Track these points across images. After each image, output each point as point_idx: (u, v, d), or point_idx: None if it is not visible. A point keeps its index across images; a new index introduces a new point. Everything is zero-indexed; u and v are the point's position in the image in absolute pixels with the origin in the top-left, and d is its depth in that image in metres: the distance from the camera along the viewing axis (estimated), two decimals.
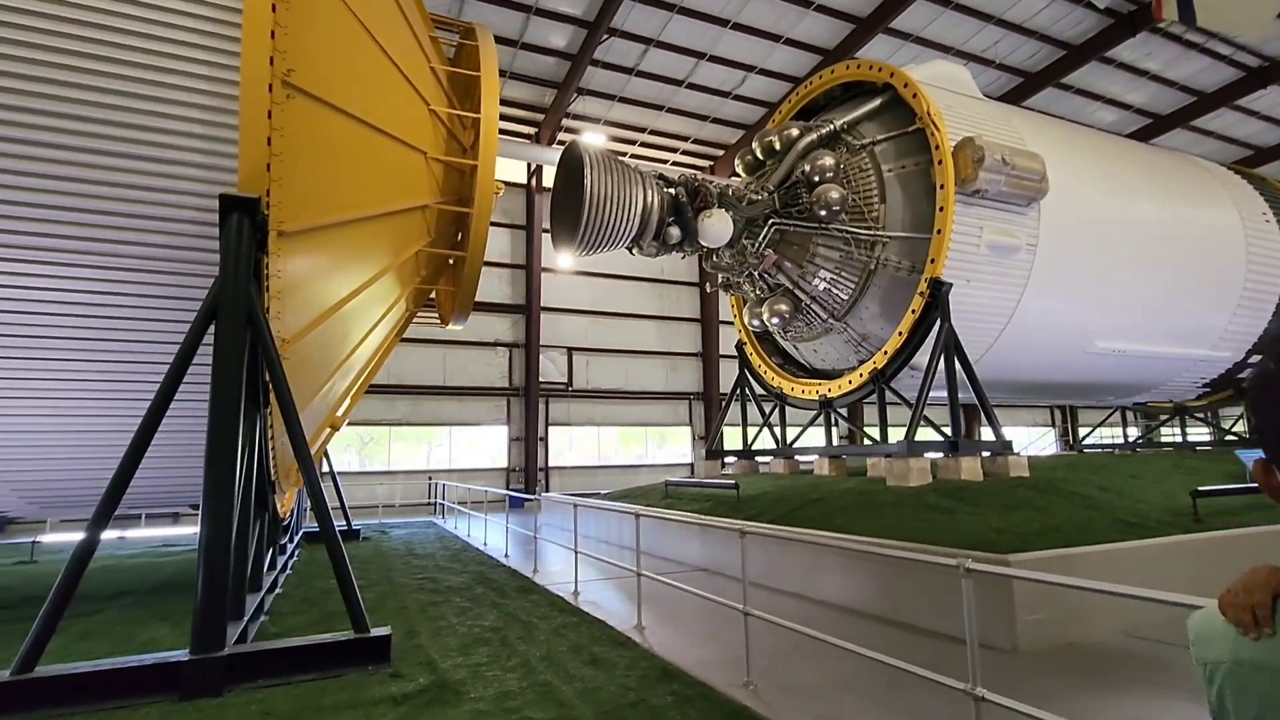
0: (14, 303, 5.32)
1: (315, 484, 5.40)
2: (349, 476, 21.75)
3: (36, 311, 5.38)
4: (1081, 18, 20.25)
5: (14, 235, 5.08)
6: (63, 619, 6.99)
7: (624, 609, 7.13)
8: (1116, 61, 22.09)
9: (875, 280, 11.75)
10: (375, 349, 9.03)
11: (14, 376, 5.62)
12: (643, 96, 23.08)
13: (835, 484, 10.60)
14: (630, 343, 26.78)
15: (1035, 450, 33.35)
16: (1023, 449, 34.12)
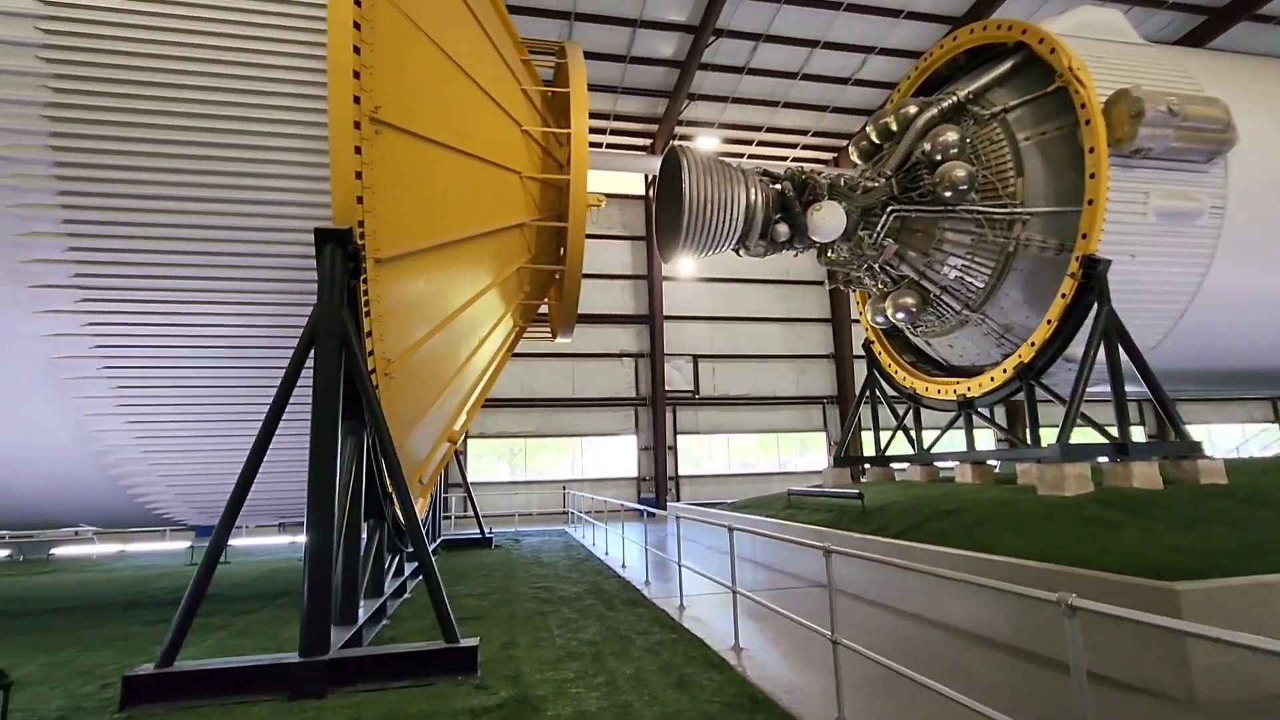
0: (171, 339, 6.06)
1: (405, 497, 5.62)
2: (491, 486, 23.06)
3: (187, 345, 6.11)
4: None
5: (164, 280, 5.80)
6: (226, 615, 7.91)
7: (727, 627, 6.78)
8: None
9: (1016, 264, 10.45)
10: (486, 364, 9.39)
11: (177, 403, 6.41)
12: (756, 94, 22.52)
13: (976, 493, 9.48)
14: (756, 347, 26.11)
15: (1254, 451, 28.19)
16: (1229, 450, 29.02)
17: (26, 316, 5.57)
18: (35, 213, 5.33)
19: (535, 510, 23.10)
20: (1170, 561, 5.81)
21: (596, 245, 25.61)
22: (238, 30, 5.53)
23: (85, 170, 5.37)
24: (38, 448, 6.42)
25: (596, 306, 25.12)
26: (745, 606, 8.09)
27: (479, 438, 23.57)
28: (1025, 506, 8.05)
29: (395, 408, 7.11)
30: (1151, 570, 5.39)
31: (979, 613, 6.12)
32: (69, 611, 8.93)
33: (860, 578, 8.26)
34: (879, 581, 7.97)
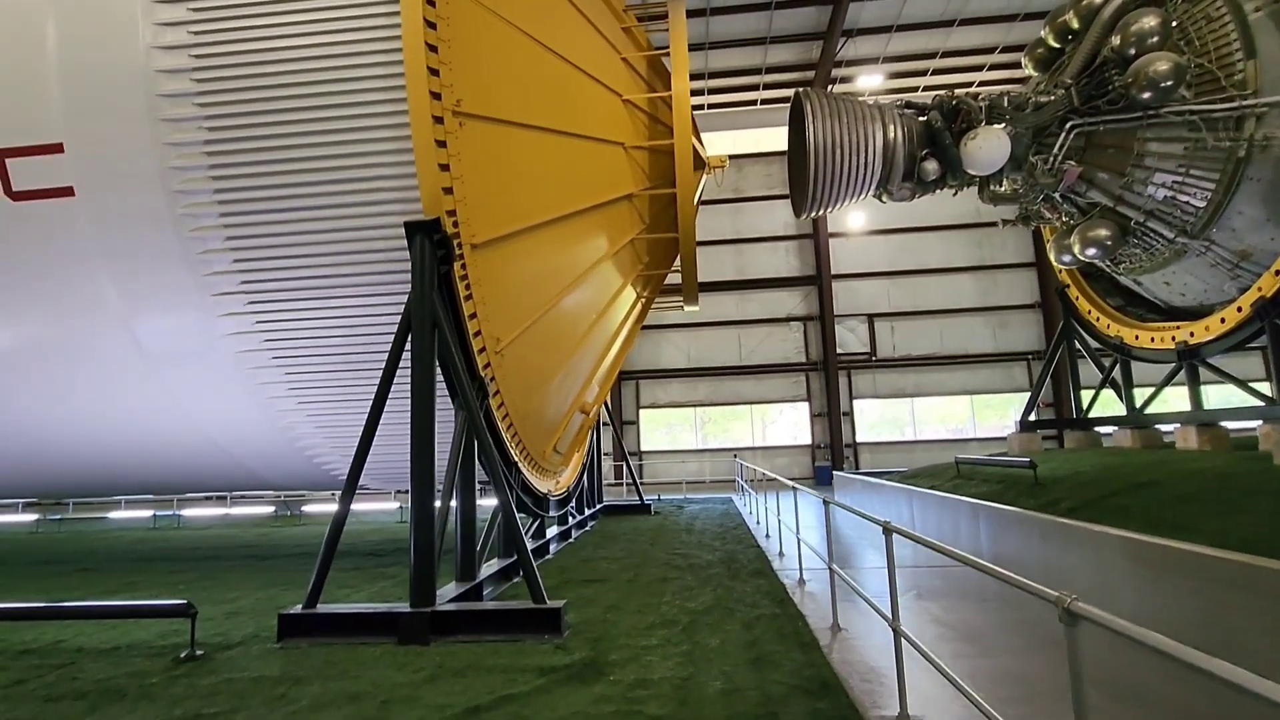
0: (321, 327, 7.02)
1: (493, 467, 5.91)
2: (665, 455, 23.74)
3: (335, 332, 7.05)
4: None
5: (309, 278, 6.73)
6: (372, 569, 9.06)
7: (842, 605, 6.33)
8: None
9: (1251, 171, 8.21)
10: (611, 336, 9.60)
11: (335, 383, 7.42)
12: (924, 16, 20.02)
13: (1189, 462, 7.71)
14: (943, 301, 23.58)
15: None
16: None
17: (214, 320, 6.82)
18: (208, 233, 6.48)
19: (708, 478, 23.33)
20: None
21: (755, 208, 24.86)
22: (332, 53, 6.16)
23: (238, 193, 6.39)
24: (244, 425, 7.87)
25: (760, 270, 24.44)
26: (874, 580, 7.46)
27: (651, 408, 24.30)
28: (1250, 481, 6.44)
29: (513, 383, 7.57)
30: None
31: (1152, 607, 5.00)
32: (307, 556, 10.91)
33: (1028, 558, 7.17)
34: (1045, 564, 6.86)
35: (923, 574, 7.87)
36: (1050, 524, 6.57)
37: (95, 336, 7.11)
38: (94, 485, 10.38)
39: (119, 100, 6.21)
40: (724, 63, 22.11)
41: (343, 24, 6.23)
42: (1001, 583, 2.65)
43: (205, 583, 8.80)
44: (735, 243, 24.59)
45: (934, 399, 23.47)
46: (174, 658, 5.17)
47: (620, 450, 16.66)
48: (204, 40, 6.23)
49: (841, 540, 10.96)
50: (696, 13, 19.56)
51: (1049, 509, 7.48)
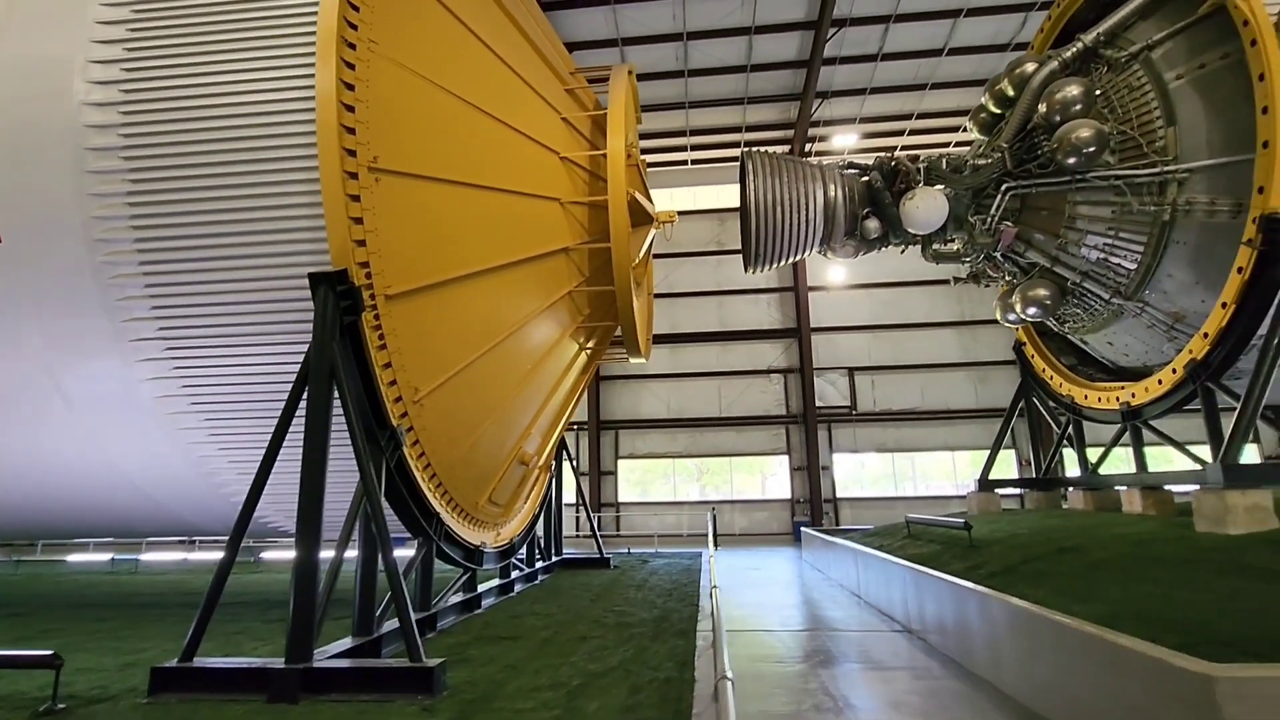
0: (238, 372, 7.07)
1: (379, 518, 5.83)
2: (639, 507, 23.42)
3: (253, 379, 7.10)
4: None
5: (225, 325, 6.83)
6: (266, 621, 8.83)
7: (741, 670, 6.15)
8: None
9: (1176, 235, 8.31)
10: (551, 387, 9.62)
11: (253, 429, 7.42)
12: (897, 80, 20.67)
13: (1116, 527, 7.55)
14: (924, 355, 23.56)
15: None
16: None
17: (132, 365, 6.91)
18: (127, 281, 6.62)
19: (686, 531, 22.93)
20: None
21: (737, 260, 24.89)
22: (255, 112, 6.42)
23: (157, 242, 6.56)
24: (168, 470, 7.86)
25: (742, 322, 24.57)
26: (799, 644, 7.24)
27: (629, 458, 24.10)
28: (1163, 549, 6.31)
29: (436, 432, 7.57)
30: (1276, 647, 3.88)
31: (1044, 684, 4.81)
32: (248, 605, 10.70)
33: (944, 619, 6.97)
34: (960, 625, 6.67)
35: (866, 639, 7.60)
36: (953, 587, 6.42)
37: (20, 380, 7.20)
38: (22, 529, 10.32)
39: (48, 152, 6.46)
40: (705, 121, 22.78)
41: (267, 85, 6.50)
42: (918, 650, 2.57)
43: (125, 631, 8.63)
44: (717, 294, 24.82)
45: (916, 454, 23.19)
46: (33, 711, 5.04)
47: (582, 500, 16.41)
48: (134, 97, 6.50)
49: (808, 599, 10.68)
50: (675, 74, 20.30)
51: (972, 571, 7.33)
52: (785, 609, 9.67)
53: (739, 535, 22.70)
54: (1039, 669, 4.65)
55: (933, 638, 6.88)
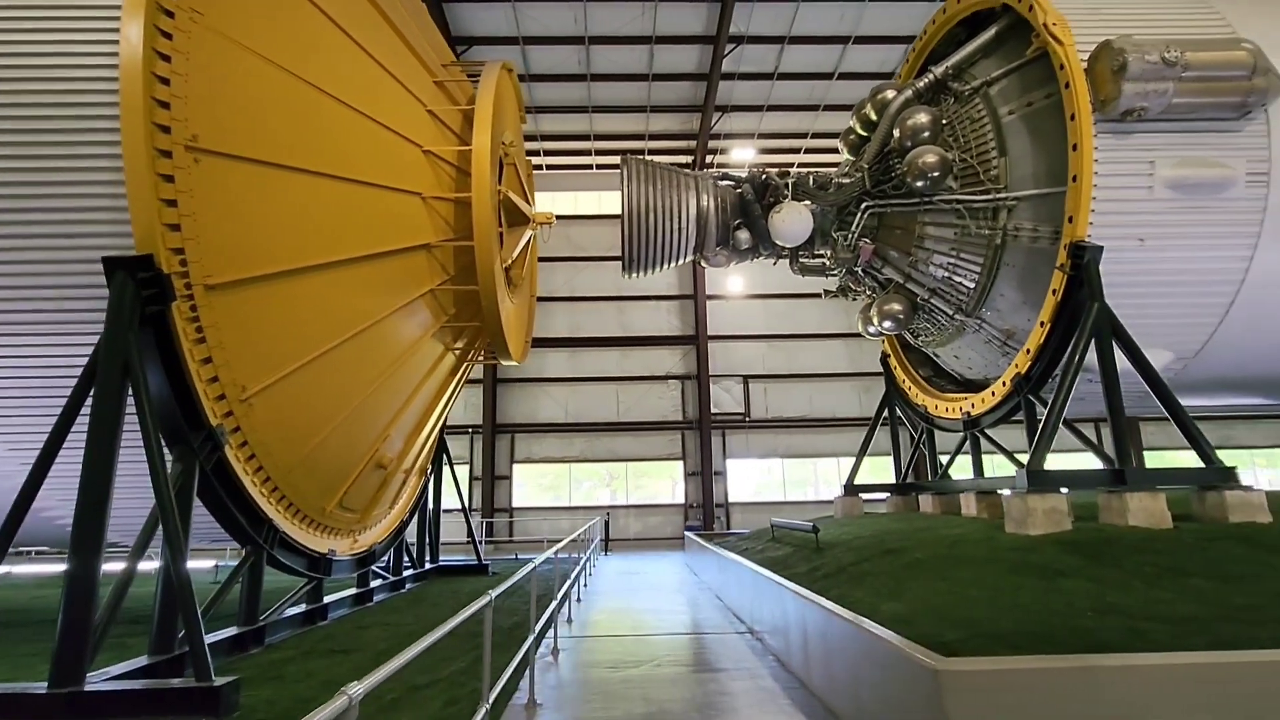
0: (32, 368, 6.37)
1: (170, 524, 5.36)
2: (534, 512, 23.07)
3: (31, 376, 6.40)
4: None
5: None
6: None
7: (549, 681, 6.08)
8: None
9: (1007, 258, 8.95)
10: (410, 390, 9.26)
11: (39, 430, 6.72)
12: (793, 100, 21.46)
13: (942, 529, 8.02)
14: (815, 366, 24.50)
15: None
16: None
17: None
18: None
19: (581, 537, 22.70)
20: (1075, 629, 4.52)
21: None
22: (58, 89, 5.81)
23: None
24: None
25: (643, 328, 24.74)
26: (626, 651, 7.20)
27: (525, 463, 23.73)
28: (973, 548, 6.70)
29: (270, 433, 7.10)
30: (1056, 639, 4.19)
31: (829, 683, 4.99)
32: None
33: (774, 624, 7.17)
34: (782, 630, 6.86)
35: (711, 641, 7.69)
36: (776, 587, 6.62)
37: None
38: None
39: None
40: (609, 127, 22.84)
41: (71, 47, 5.91)
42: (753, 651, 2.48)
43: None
44: (620, 299, 24.89)
45: (805, 460, 24.04)
46: None
47: (462, 505, 15.95)
48: None
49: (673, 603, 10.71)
50: (578, 78, 20.24)
51: (811, 572, 7.60)
52: (647, 613, 9.70)
53: (633, 540, 22.78)
54: (832, 665, 4.83)
55: (767, 639, 7.06)
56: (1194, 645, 4.14)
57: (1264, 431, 25.24)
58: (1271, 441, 25.56)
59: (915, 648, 3.50)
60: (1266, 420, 25.23)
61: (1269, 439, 25.39)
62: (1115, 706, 2.99)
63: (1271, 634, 4.30)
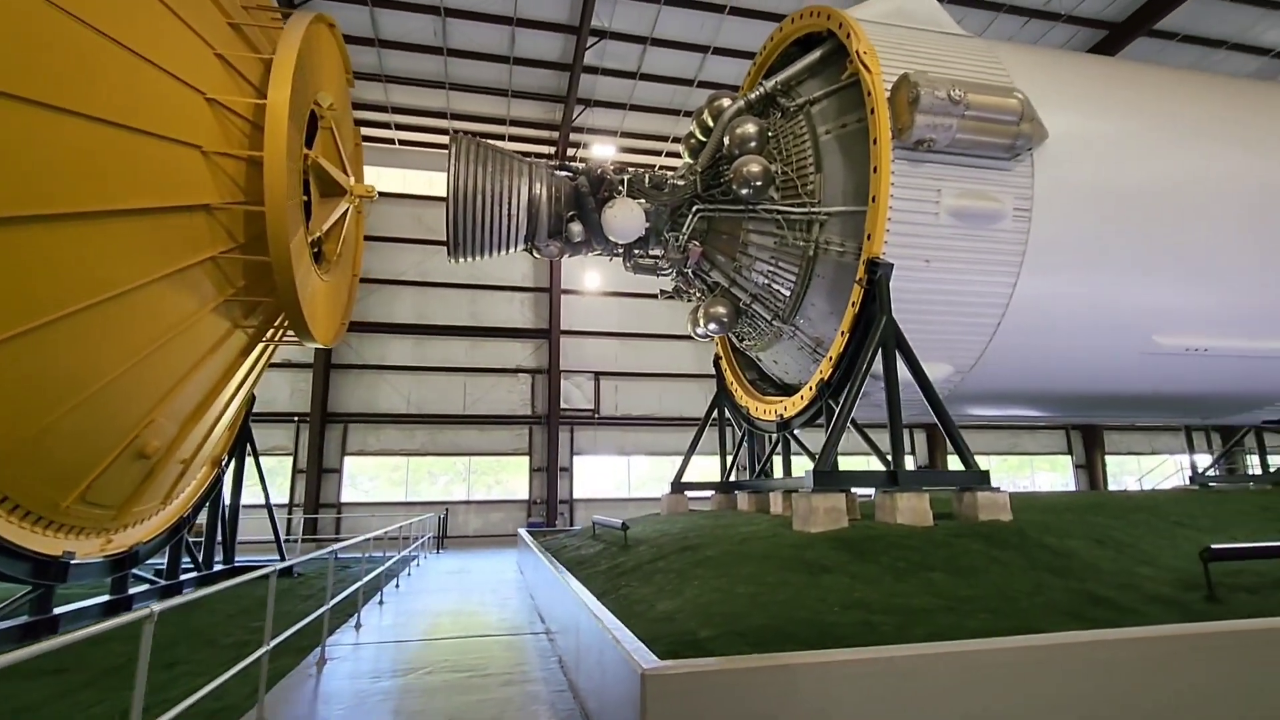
0: None
1: None
2: (367, 507, 21.63)
3: None
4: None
5: None
6: None
7: (300, 696, 5.56)
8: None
9: (818, 269, 9.44)
10: (182, 371, 8.15)
11: None
12: (655, 102, 21.71)
13: (741, 527, 8.31)
14: (665, 365, 24.99)
15: (1161, 483, 27.20)
16: (1137, 481, 28.17)
17: None
18: None
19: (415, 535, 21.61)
20: (819, 624, 4.69)
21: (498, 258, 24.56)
22: None
23: None
24: None
25: (496, 319, 24.00)
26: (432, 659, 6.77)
27: (359, 455, 22.20)
28: (758, 545, 6.91)
29: None
30: (793, 635, 4.29)
31: (590, 686, 4.89)
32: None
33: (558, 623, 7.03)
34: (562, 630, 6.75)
35: (503, 644, 7.37)
36: (557, 585, 6.50)
37: None
38: None
39: None
40: (468, 107, 21.91)
41: None
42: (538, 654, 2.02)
43: None
44: (472, 288, 23.99)
45: (651, 458, 24.44)
46: None
47: (266, 500, 14.48)
48: None
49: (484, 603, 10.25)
50: (434, 50, 19.20)
51: (611, 569, 7.55)
52: (450, 615, 9.24)
53: (472, 536, 22.02)
54: (588, 666, 4.72)
55: (558, 640, 6.91)
56: (914, 635, 4.43)
57: (1044, 440, 29.07)
58: (1051, 449, 29.47)
59: (631, 649, 3.42)
60: (1046, 430, 29.11)
61: (1048, 447, 29.25)
62: (808, 703, 3.06)
63: (980, 623, 4.71)
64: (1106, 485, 27.68)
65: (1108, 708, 3.46)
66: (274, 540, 13.67)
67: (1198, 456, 20.17)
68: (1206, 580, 5.25)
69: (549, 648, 6.93)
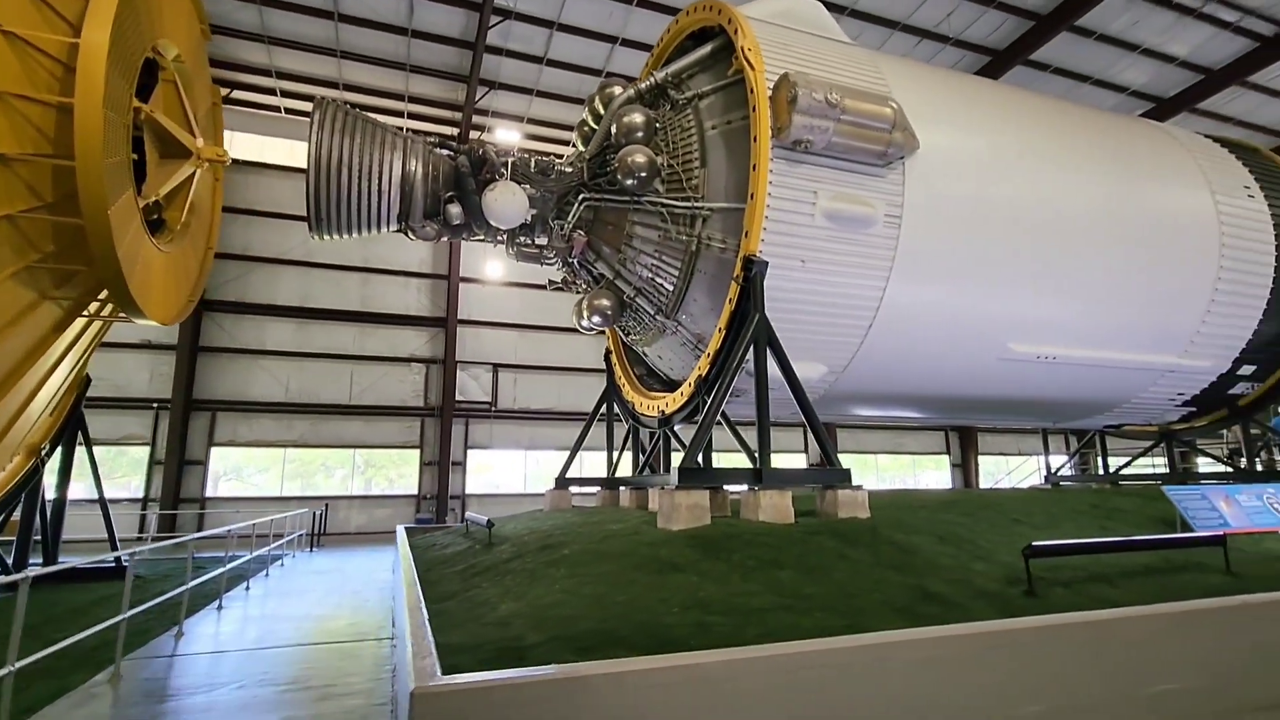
0: None
1: None
2: (231, 503, 20.03)
3: None
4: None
5: None
6: None
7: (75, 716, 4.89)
8: (1096, 33, 19.17)
9: (700, 265, 9.36)
10: None
11: None
12: (562, 89, 21.24)
13: (610, 524, 8.12)
14: (567, 359, 24.59)
15: (1021, 482, 29.54)
16: (997, 480, 30.53)
17: None
18: None
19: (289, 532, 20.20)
20: (652, 626, 4.51)
21: (391, 237, 23.35)
22: None
23: None
24: None
25: (389, 305, 22.81)
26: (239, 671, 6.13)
27: (228, 445, 20.51)
28: (617, 543, 6.71)
29: None
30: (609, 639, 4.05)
31: None
32: None
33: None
34: None
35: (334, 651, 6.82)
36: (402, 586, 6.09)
37: None
38: None
39: None
40: (362, 78, 20.66)
41: None
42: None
43: None
44: (364, 271, 22.71)
45: (549, 452, 23.98)
46: None
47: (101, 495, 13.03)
48: None
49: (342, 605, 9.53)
50: (323, 13, 17.93)
51: (464, 571, 7.17)
52: (295, 621, 8.53)
53: (354, 534, 20.85)
54: (399, 678, 4.35)
55: (396, 647, 6.46)
56: (746, 636, 4.33)
57: (925, 440, 30.81)
58: (931, 449, 31.26)
59: (415, 662, 3.09)
60: (928, 431, 30.85)
61: (928, 447, 31.01)
62: (598, 716, 2.83)
63: (813, 621, 4.68)
64: (978, 484, 29.66)
65: (904, 706, 3.45)
66: (108, 539, 12.29)
67: (1055, 458, 21.92)
68: (1027, 576, 5.50)
69: (390, 655, 6.47)
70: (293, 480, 21.42)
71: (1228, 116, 23.08)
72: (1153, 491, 9.21)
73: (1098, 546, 6.00)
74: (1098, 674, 3.91)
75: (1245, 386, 12.91)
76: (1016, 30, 19.05)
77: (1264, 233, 11.75)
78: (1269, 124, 23.65)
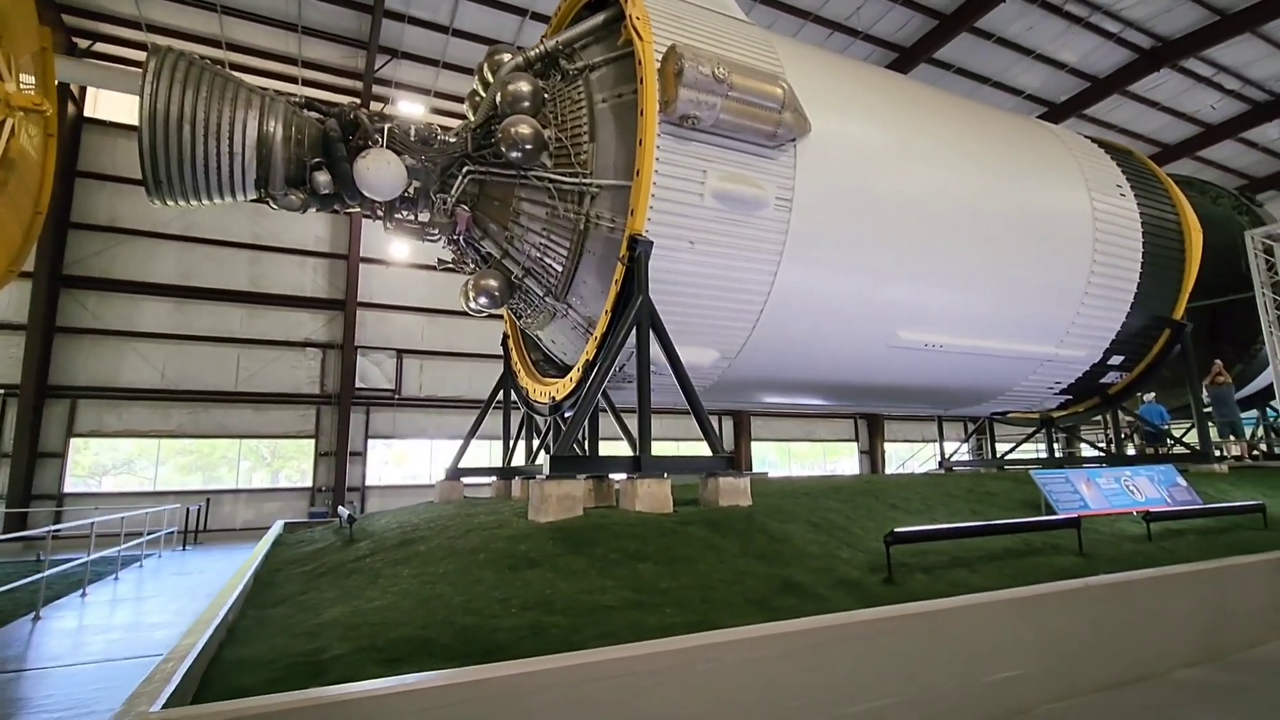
0: None
1: None
2: (95, 499, 18.27)
3: None
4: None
5: None
6: None
7: None
8: (995, 36, 19.89)
9: (589, 244, 8.95)
10: None
11: None
12: (470, 62, 20.24)
13: (481, 516, 7.67)
14: (476, 345, 23.73)
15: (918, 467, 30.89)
16: (901, 465, 31.91)
17: None
18: None
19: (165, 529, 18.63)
20: (473, 630, 4.09)
21: (287, 216, 21.83)
22: None
23: None
24: None
25: (281, 286, 21.33)
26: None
27: (91, 436, 18.66)
28: (476, 538, 6.25)
29: None
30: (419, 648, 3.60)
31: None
32: None
33: None
34: None
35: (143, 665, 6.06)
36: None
37: None
38: None
39: None
40: (247, 37, 19.07)
41: None
42: None
43: None
44: (253, 248, 21.12)
45: (455, 442, 23.10)
46: None
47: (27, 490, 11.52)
48: None
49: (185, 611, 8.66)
50: None
51: (310, 571, 6.54)
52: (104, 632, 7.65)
53: (239, 530, 19.44)
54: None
55: None
56: (582, 638, 4.00)
57: (835, 427, 31.68)
58: (841, 436, 32.17)
59: (146, 688, 2.57)
60: (838, 419, 31.73)
61: (838, 434, 31.92)
62: None
63: (660, 619, 4.39)
64: (884, 470, 30.77)
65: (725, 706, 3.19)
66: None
67: (952, 444, 22.88)
68: (888, 563, 5.42)
69: None
70: (193, 474, 19.79)
71: (1111, 124, 24.55)
72: (1024, 476, 9.51)
73: (957, 532, 6.03)
74: (934, 665, 3.79)
75: (1115, 376, 13.68)
76: (922, 28, 19.51)
77: (1133, 229, 12.40)
78: (1147, 133, 25.34)
